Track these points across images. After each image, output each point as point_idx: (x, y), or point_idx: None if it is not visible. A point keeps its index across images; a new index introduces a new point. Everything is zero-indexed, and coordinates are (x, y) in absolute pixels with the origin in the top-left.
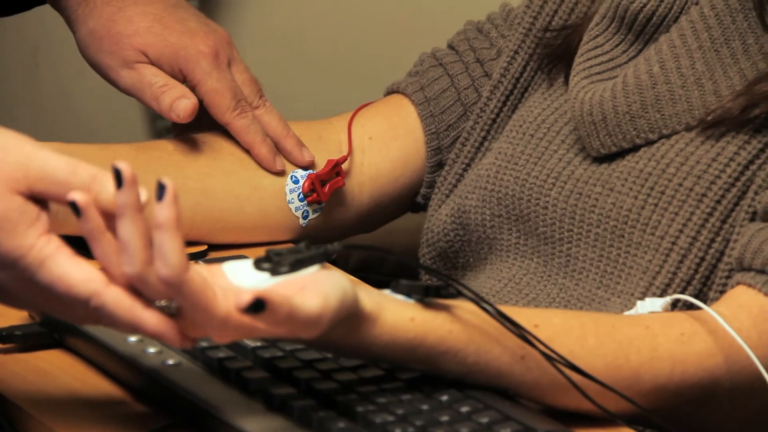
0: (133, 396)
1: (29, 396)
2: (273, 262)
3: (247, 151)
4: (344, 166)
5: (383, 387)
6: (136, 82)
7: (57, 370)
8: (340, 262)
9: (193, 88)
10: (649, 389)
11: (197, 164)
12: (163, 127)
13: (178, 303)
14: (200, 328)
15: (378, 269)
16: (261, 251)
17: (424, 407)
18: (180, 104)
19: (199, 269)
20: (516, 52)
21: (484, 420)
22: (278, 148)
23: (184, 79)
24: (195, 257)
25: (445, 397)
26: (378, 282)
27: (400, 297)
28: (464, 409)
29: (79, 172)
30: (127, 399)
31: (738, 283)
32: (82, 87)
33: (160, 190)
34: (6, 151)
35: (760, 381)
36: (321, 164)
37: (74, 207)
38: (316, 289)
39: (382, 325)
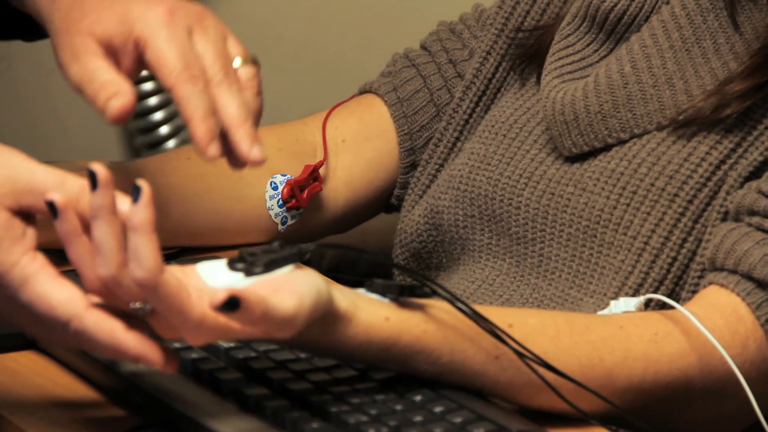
0: (105, 397)
1: (1, 397)
2: (247, 263)
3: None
4: (321, 171)
5: (357, 387)
6: (79, 77)
7: (29, 372)
8: (313, 261)
9: (143, 54)
10: (623, 389)
11: (186, 184)
12: (141, 144)
13: (152, 305)
14: (175, 330)
15: (352, 269)
16: (235, 252)
17: (398, 407)
18: (111, 102)
19: (174, 271)
20: (488, 53)
21: (458, 420)
22: (228, 138)
23: (136, 47)
24: (167, 258)
25: (418, 398)
26: (352, 282)
27: (374, 296)
28: (438, 409)
29: (68, 184)
30: (100, 400)
31: (710, 283)
32: (53, 88)
33: (136, 192)
34: None
35: (732, 382)
36: (299, 169)
37: (52, 207)
38: (291, 289)
39: (356, 324)
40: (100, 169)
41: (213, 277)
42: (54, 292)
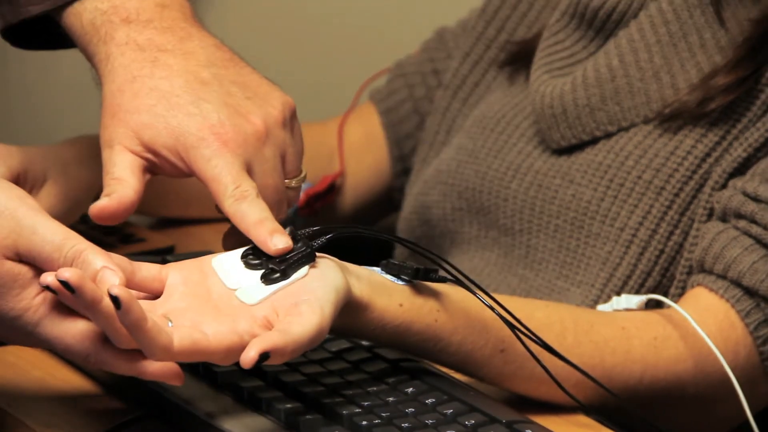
0: (102, 389)
1: (0, 390)
2: (261, 259)
3: None
4: (337, 181)
5: (349, 379)
6: (104, 162)
7: (27, 364)
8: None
9: (195, 176)
10: (619, 390)
11: None
12: None
13: None
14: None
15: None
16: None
17: (390, 399)
18: (98, 200)
19: (186, 281)
20: (467, 54)
21: (449, 411)
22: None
23: (187, 167)
24: (163, 253)
25: (410, 389)
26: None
27: (389, 277)
28: (429, 400)
29: (65, 249)
30: (98, 392)
31: (698, 285)
32: (48, 84)
33: (115, 301)
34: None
35: (724, 387)
36: (316, 171)
37: (66, 285)
38: (311, 300)
39: (372, 310)
40: (122, 293)
41: (230, 276)
42: (67, 333)
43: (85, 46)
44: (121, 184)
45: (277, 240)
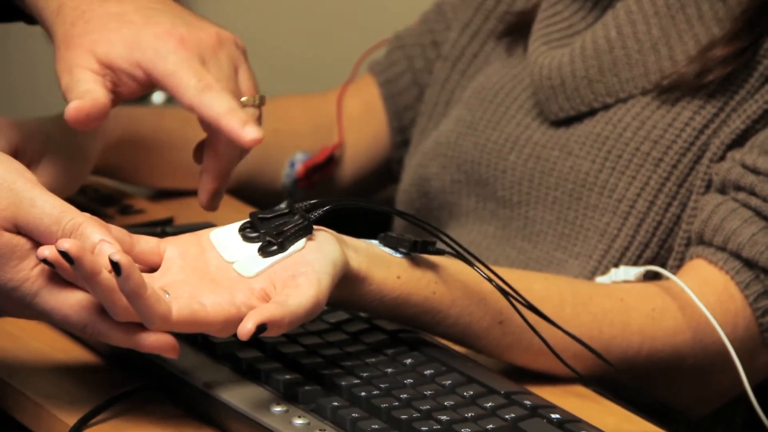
0: (102, 360)
1: (0, 361)
2: (259, 232)
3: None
4: (336, 153)
5: (348, 350)
6: (65, 86)
7: (26, 335)
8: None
9: (155, 80)
10: (618, 361)
11: None
12: None
13: None
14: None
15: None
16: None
17: (389, 370)
18: (69, 105)
19: (184, 254)
20: (467, 25)
21: (447, 382)
22: (219, 129)
23: (145, 73)
24: (161, 224)
25: (408, 360)
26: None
27: (387, 250)
28: (428, 371)
29: (63, 221)
30: (97, 363)
31: (698, 256)
32: (49, 57)
33: (116, 268)
34: None
35: (722, 358)
36: (316, 142)
37: (65, 255)
38: (308, 273)
39: (370, 282)
40: (122, 259)
41: (228, 249)
42: (66, 302)
43: (34, 3)
44: (90, 92)
45: (250, 130)
